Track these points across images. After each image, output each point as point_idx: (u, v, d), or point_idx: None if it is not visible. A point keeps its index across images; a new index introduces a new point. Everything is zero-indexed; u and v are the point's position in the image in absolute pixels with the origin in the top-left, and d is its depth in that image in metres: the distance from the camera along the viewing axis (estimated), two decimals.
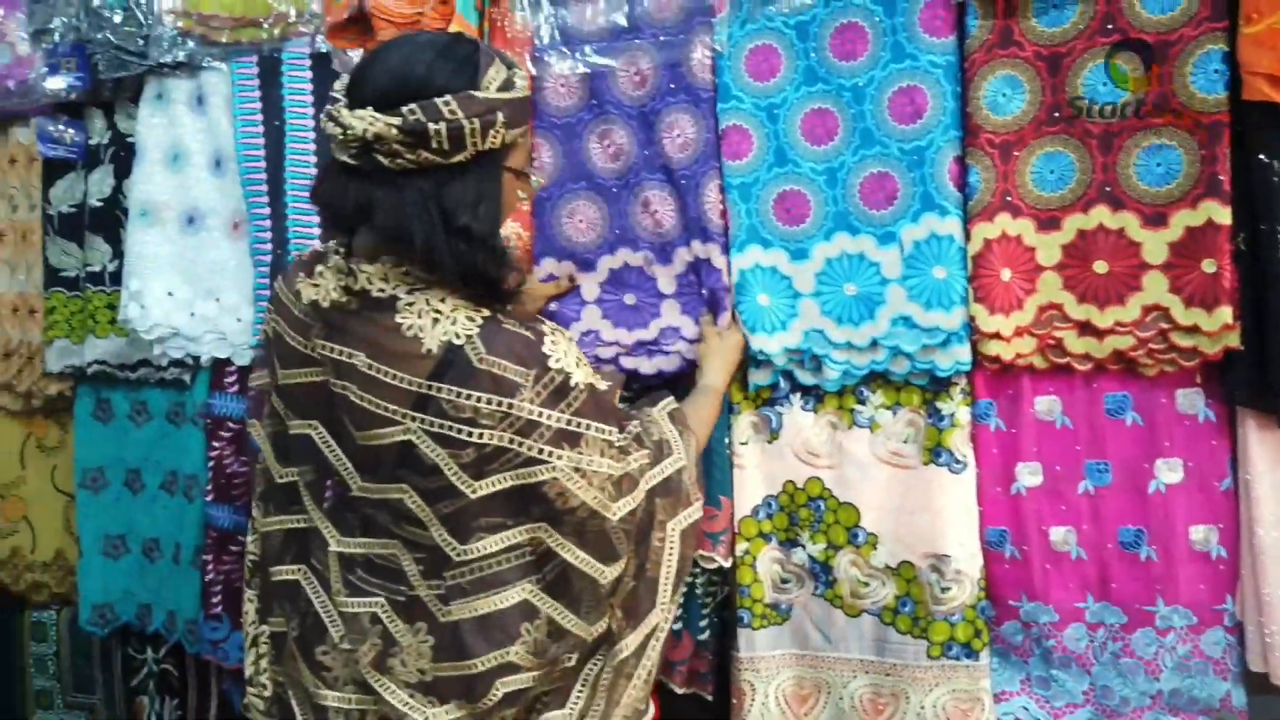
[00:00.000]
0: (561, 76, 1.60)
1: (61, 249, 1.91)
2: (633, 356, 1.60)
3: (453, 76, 1.03)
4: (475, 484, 1.05)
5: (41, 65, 1.85)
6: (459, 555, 1.07)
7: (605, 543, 1.11)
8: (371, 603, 1.11)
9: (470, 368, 1.03)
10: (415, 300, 1.05)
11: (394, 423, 1.04)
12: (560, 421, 1.06)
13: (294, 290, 1.14)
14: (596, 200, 1.61)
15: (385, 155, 1.01)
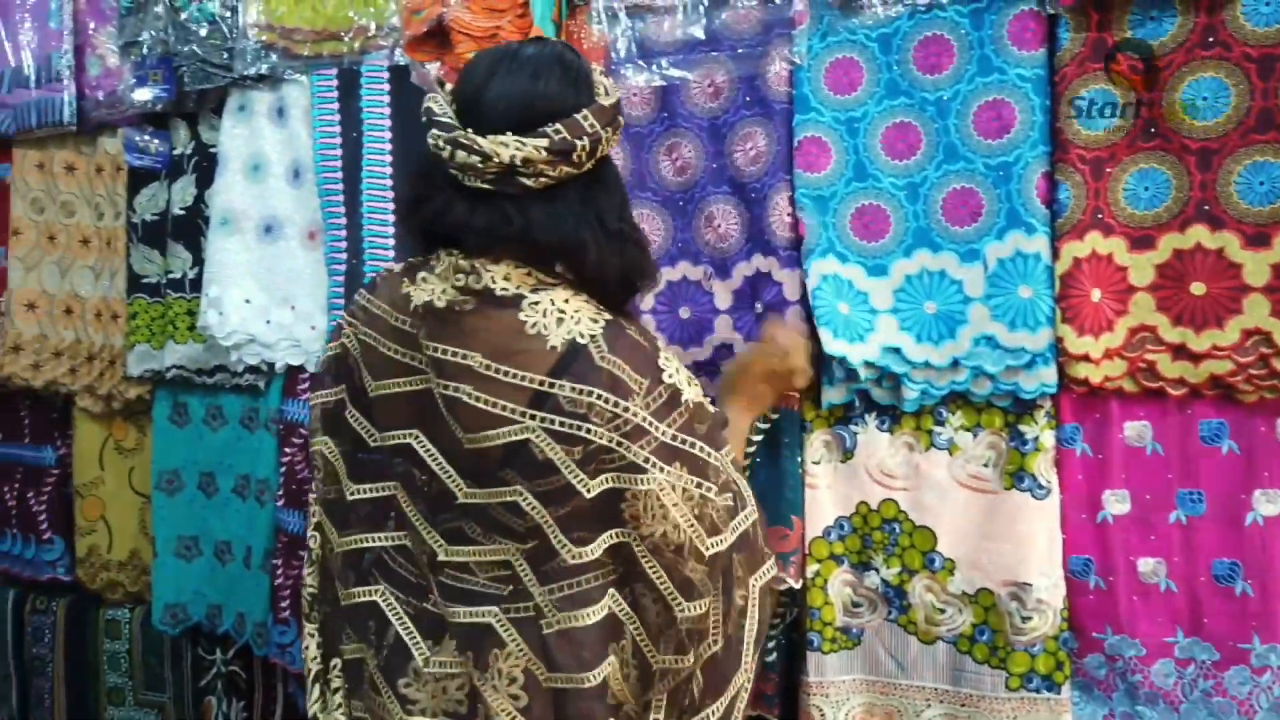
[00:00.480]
0: (635, 89, 1.60)
1: (144, 256, 1.96)
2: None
3: (580, 91, 1.05)
4: (590, 483, 1.02)
5: (130, 77, 1.90)
6: (572, 558, 1.05)
7: (687, 577, 1.05)
8: (485, 612, 1.08)
9: (592, 364, 1.02)
10: (540, 299, 1.04)
11: (510, 421, 1.02)
12: (666, 435, 1.03)
13: (399, 296, 1.10)
14: (661, 212, 1.61)
15: (529, 176, 1.02)
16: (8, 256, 2.07)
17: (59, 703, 2.18)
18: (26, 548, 2.18)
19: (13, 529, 2.20)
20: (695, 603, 1.06)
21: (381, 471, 1.15)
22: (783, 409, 1.51)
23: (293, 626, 1.85)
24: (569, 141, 1.01)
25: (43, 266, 2.06)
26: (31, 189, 2.06)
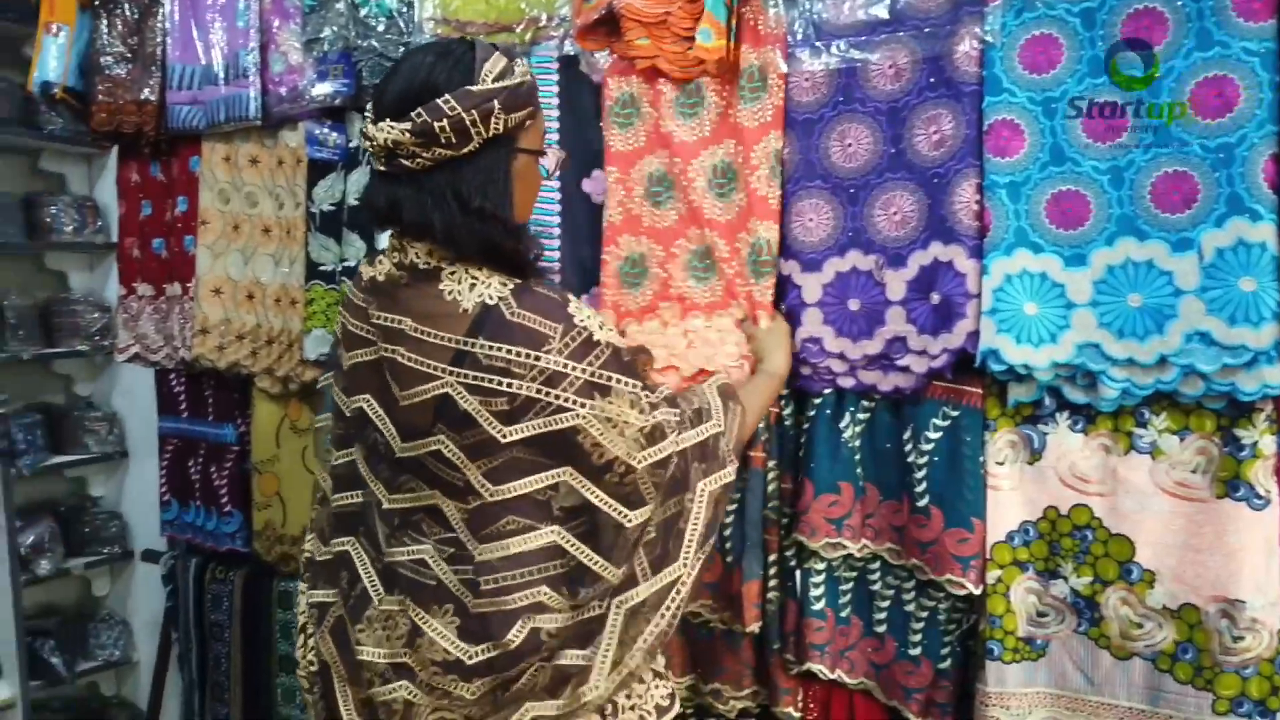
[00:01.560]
0: (807, 73, 1.56)
1: (321, 244, 2.04)
2: (868, 371, 1.53)
3: (450, 76, 1.13)
4: (506, 429, 1.13)
5: (311, 73, 1.98)
6: (492, 496, 1.15)
7: (631, 490, 1.17)
8: (419, 550, 1.20)
9: (503, 321, 1.13)
10: (456, 270, 1.17)
11: (434, 378, 1.14)
12: (586, 373, 1.14)
13: (359, 277, 1.27)
14: (830, 200, 1.56)
15: (406, 158, 1.13)
16: (197, 245, 2.19)
17: (235, 667, 2.30)
18: (209, 519, 2.31)
19: (196, 501, 2.33)
20: (638, 510, 1.18)
21: (350, 439, 1.30)
22: (965, 406, 1.45)
23: None
24: (428, 124, 1.11)
25: (228, 254, 2.17)
26: (218, 181, 2.17)
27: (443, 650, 1.17)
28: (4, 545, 2.51)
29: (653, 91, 1.67)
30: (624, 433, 1.15)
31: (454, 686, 1.17)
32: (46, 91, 2.23)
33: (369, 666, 1.22)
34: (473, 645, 1.16)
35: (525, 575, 1.16)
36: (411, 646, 1.19)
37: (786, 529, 1.60)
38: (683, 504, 1.23)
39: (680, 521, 1.23)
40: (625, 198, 1.69)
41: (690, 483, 1.24)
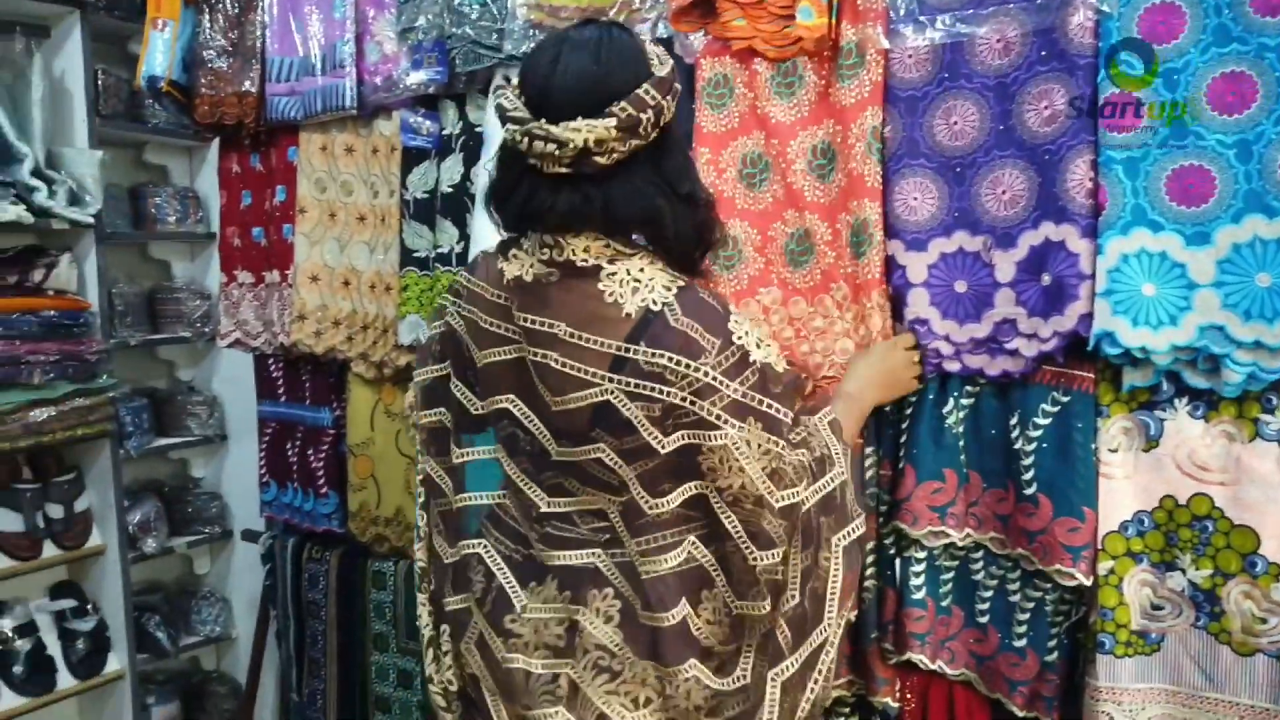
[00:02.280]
0: (910, 50, 1.52)
1: (415, 231, 2.07)
2: (975, 355, 1.49)
3: (638, 66, 1.10)
4: (664, 440, 1.11)
5: (406, 61, 2.01)
6: (651, 508, 1.13)
7: (760, 528, 1.12)
8: (588, 554, 1.19)
9: (666, 328, 1.09)
10: (617, 270, 1.12)
11: (592, 384, 1.11)
12: (737, 393, 1.10)
13: (494, 272, 1.21)
14: (935, 179, 1.52)
15: (603, 155, 1.07)
16: (295, 233, 2.24)
17: (331, 645, 2.36)
18: (306, 500, 2.38)
19: (294, 482, 2.40)
20: (768, 552, 1.12)
21: (484, 436, 1.27)
22: (1076, 391, 1.40)
23: None
24: (635, 117, 1.07)
25: (325, 242, 2.22)
26: (315, 170, 2.22)
27: (603, 649, 1.16)
28: (115, 524, 2.63)
29: (748, 72, 1.65)
30: (762, 463, 1.11)
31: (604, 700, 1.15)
32: (153, 85, 2.31)
33: (518, 674, 1.19)
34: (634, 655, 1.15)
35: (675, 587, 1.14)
36: (568, 648, 1.17)
37: (885, 516, 1.57)
38: (817, 561, 1.18)
39: (816, 581, 1.18)
40: (717, 179, 1.67)
41: (821, 538, 1.18)
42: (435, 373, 1.32)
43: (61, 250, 2.52)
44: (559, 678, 1.17)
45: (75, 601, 2.63)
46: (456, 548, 1.30)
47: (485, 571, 1.25)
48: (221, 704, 3.03)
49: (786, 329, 1.64)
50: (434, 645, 1.35)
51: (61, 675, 2.53)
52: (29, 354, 2.36)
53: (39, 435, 2.39)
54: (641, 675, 1.15)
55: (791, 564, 1.15)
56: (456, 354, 1.28)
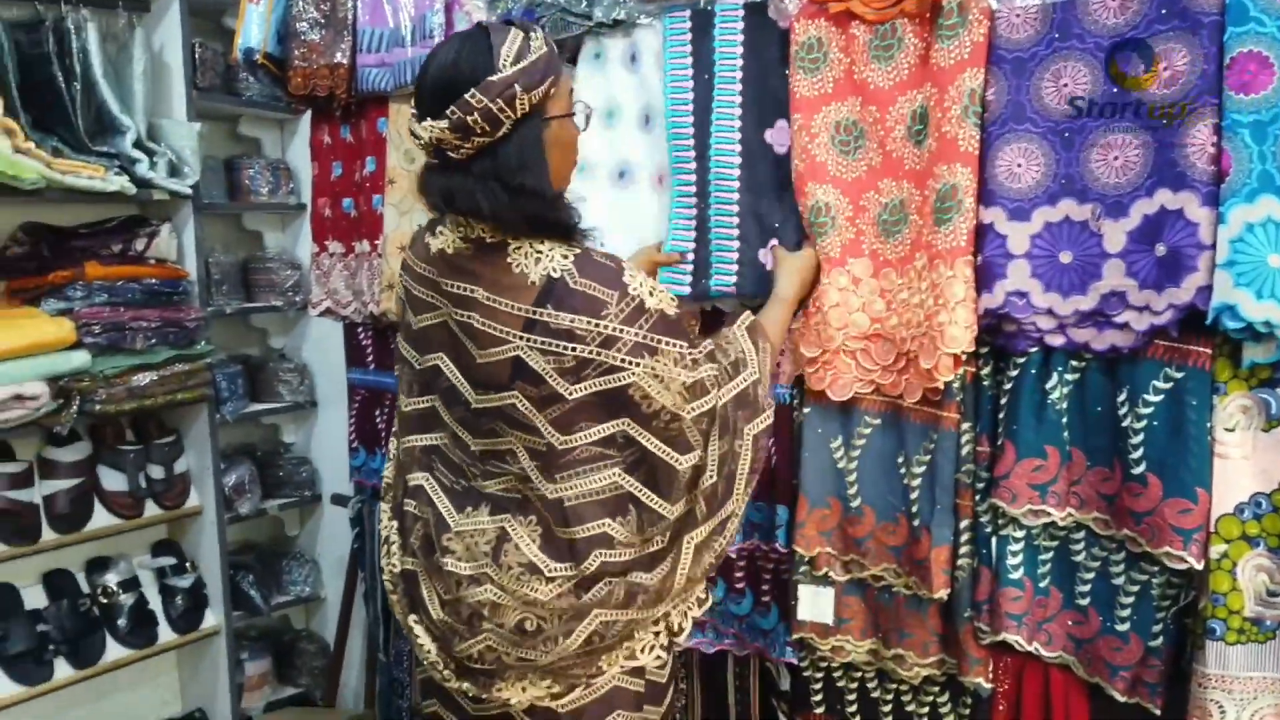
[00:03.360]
0: (1021, 8, 1.46)
1: None
2: (1080, 329, 1.43)
3: (473, 70, 1.22)
4: (572, 387, 1.27)
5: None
6: (561, 445, 1.30)
7: (678, 435, 1.31)
8: (504, 480, 1.36)
9: (567, 290, 1.25)
10: (521, 244, 1.29)
11: (507, 342, 1.28)
12: (637, 337, 1.26)
13: (422, 247, 1.39)
14: (1041, 144, 1.46)
15: (451, 150, 1.25)
16: (384, 203, 2.27)
17: None
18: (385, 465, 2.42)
19: (382, 448, 2.44)
20: (689, 454, 1.32)
21: (424, 389, 1.44)
22: (1190, 367, 1.34)
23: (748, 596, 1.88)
24: (462, 119, 1.22)
25: (413, 212, 2.24)
26: (404, 141, 2.24)
27: (527, 557, 1.32)
28: (211, 485, 2.72)
29: (844, 35, 1.61)
30: (670, 387, 1.29)
31: (533, 590, 1.32)
32: (249, 58, 2.36)
33: (451, 575, 1.36)
34: (553, 560, 1.32)
35: (592, 509, 1.31)
36: (495, 558, 1.34)
37: (982, 493, 1.53)
38: (732, 448, 1.37)
39: (731, 463, 1.37)
40: (809, 144, 1.63)
41: (738, 428, 1.37)
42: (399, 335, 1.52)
43: (162, 220, 2.60)
44: (485, 577, 1.35)
45: (174, 559, 2.74)
46: (408, 479, 1.48)
47: (427, 499, 1.43)
48: (310, 662, 3.13)
49: (877, 301, 1.60)
50: (387, 542, 1.54)
51: (162, 629, 2.64)
52: (132, 320, 2.44)
53: (141, 399, 2.48)
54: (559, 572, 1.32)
55: (710, 453, 1.34)
56: (403, 318, 1.47)
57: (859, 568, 1.66)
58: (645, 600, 1.37)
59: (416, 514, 1.45)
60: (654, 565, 1.36)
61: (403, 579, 1.50)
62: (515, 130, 1.25)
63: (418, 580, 1.45)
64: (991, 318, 1.48)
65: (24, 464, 2.46)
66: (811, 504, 1.68)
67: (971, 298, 1.47)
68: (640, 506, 1.32)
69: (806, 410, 1.69)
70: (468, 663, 1.40)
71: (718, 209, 1.74)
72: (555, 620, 1.34)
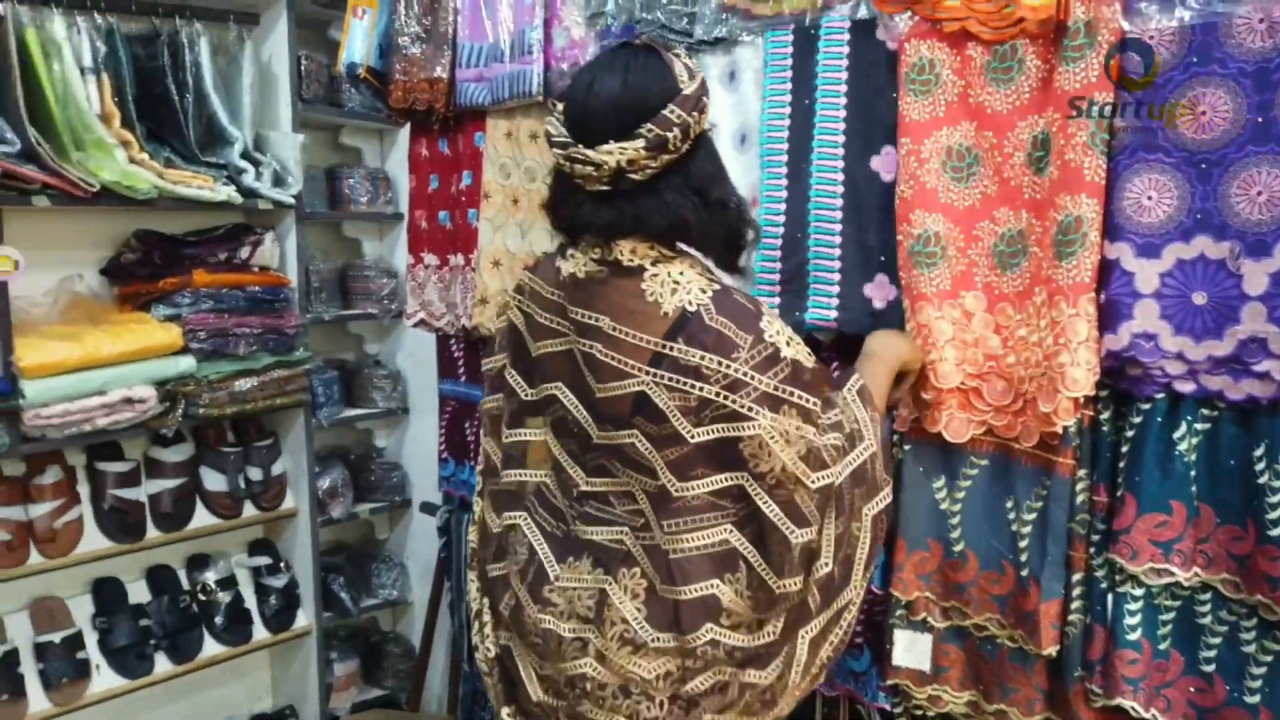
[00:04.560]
0: (1156, 30, 1.36)
1: None
2: (1213, 376, 1.33)
3: (662, 87, 1.19)
4: (694, 430, 1.20)
5: (593, 47, 1.98)
6: (677, 492, 1.23)
7: (797, 508, 1.21)
8: (619, 533, 1.28)
9: (701, 326, 1.19)
10: (659, 271, 1.23)
11: (632, 376, 1.22)
12: (767, 386, 1.19)
13: (551, 271, 1.33)
14: (1174, 175, 1.35)
15: (636, 172, 1.19)
16: (479, 218, 2.28)
17: None
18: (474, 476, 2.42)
19: (471, 460, 2.45)
20: (805, 529, 1.21)
21: (532, 417, 1.39)
22: None
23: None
24: (662, 136, 1.18)
25: (507, 227, 2.24)
26: (500, 155, 2.24)
27: (627, 623, 1.24)
28: (306, 488, 2.78)
29: (959, 56, 1.53)
30: (792, 445, 1.19)
31: (635, 666, 1.23)
32: (352, 72, 2.39)
33: (551, 635, 1.29)
34: (656, 629, 1.23)
35: (699, 565, 1.23)
36: (598, 616, 1.26)
37: (1098, 546, 1.43)
38: (849, 530, 1.28)
39: (849, 548, 1.29)
40: (918, 170, 1.56)
41: (855, 508, 1.28)
42: (496, 362, 1.46)
43: (266, 228, 2.67)
44: (588, 644, 1.26)
45: (270, 559, 2.81)
46: (501, 519, 1.42)
47: (527, 544, 1.36)
48: (396, 664, 3.17)
49: (991, 337, 1.52)
50: (478, 617, 1.47)
51: (256, 627, 2.71)
52: (236, 327, 2.51)
53: (242, 404, 2.55)
54: (662, 645, 1.23)
55: (825, 535, 1.25)
56: (515, 346, 1.41)
57: (960, 615, 1.59)
58: (756, 701, 1.26)
59: (500, 573, 1.39)
60: (768, 661, 1.26)
61: (498, 663, 1.43)
62: (696, 145, 1.23)
63: (513, 657, 1.37)
64: (1115, 360, 1.38)
65: (132, 463, 2.56)
66: (910, 545, 1.61)
67: (1094, 338, 1.38)
68: (750, 570, 1.23)
69: (907, 447, 1.62)
70: None
71: (817, 238, 1.67)
72: (657, 707, 1.23)
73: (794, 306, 1.70)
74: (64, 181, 2.19)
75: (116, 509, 2.49)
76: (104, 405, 2.30)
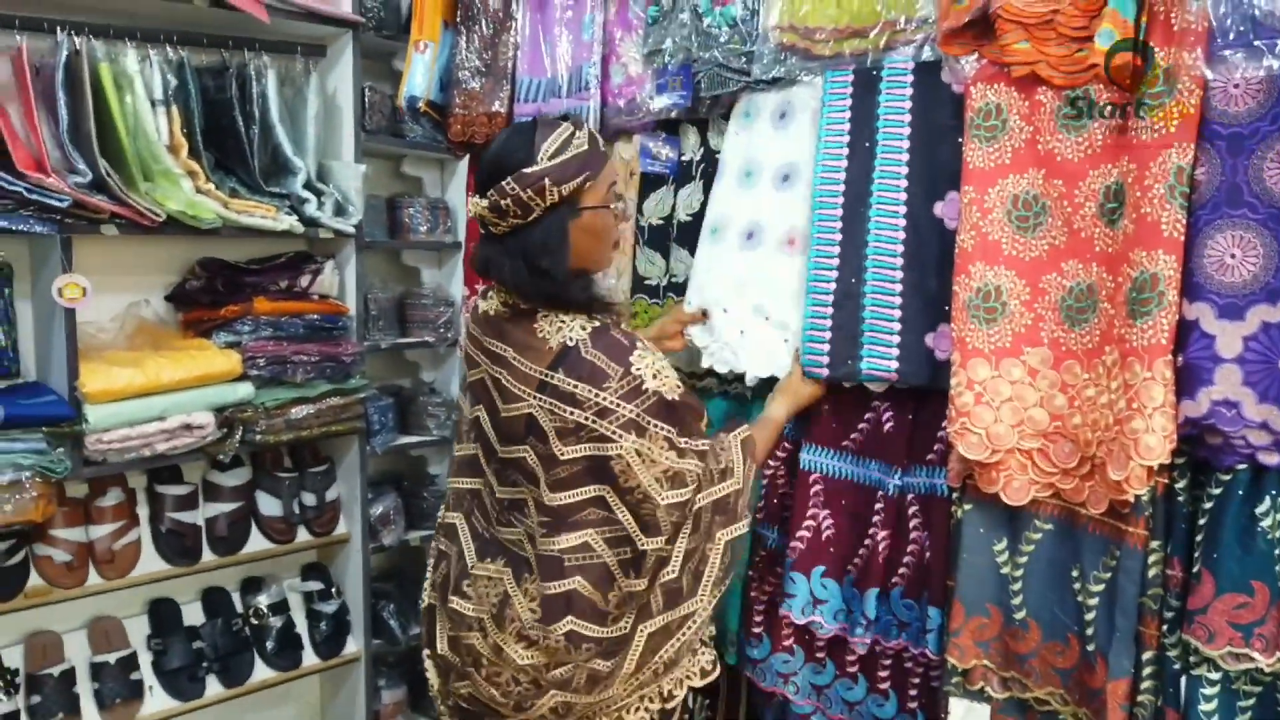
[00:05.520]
0: (1242, 79, 1.28)
1: (648, 258, 2.02)
2: None
3: (514, 159, 1.39)
4: (564, 448, 1.40)
5: (650, 85, 1.96)
6: (550, 501, 1.42)
7: (649, 518, 1.41)
8: (518, 531, 1.50)
9: (578, 359, 1.39)
10: (548, 313, 1.44)
11: (524, 399, 1.43)
12: (632, 414, 1.38)
13: (477, 311, 1.57)
14: (1260, 233, 1.27)
15: (491, 225, 1.44)
16: None
17: None
18: None
19: None
20: (654, 538, 1.42)
21: (470, 437, 1.60)
22: None
23: (765, 643, 1.82)
24: (498, 203, 1.40)
25: None
26: None
27: (521, 621, 1.45)
28: (359, 515, 2.79)
29: (1028, 101, 1.46)
30: (652, 469, 1.39)
31: (517, 654, 1.45)
32: (412, 105, 2.41)
33: (457, 614, 1.52)
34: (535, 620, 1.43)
35: (569, 564, 1.41)
36: (500, 611, 1.47)
37: (1171, 623, 1.34)
38: (701, 549, 1.46)
39: (699, 564, 1.46)
40: (980, 220, 1.50)
41: (711, 532, 1.46)
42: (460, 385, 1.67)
43: (326, 256, 2.70)
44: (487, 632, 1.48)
45: (322, 584, 2.83)
46: (448, 515, 1.64)
47: (459, 541, 1.58)
48: None
49: (1058, 396, 1.45)
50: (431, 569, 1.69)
51: (306, 653, 2.72)
52: (294, 354, 2.54)
53: (298, 431, 2.57)
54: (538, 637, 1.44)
55: (677, 547, 1.43)
56: (463, 373, 1.63)
57: (1020, 687, 1.50)
58: (601, 683, 1.45)
59: (444, 551, 1.62)
60: (612, 655, 1.44)
61: (427, 612, 1.66)
62: (544, 216, 1.41)
63: (434, 615, 1.62)
64: (1193, 427, 1.30)
65: (190, 487, 2.59)
66: (968, 610, 1.53)
67: (1171, 403, 1.30)
68: (605, 569, 1.42)
69: (967, 507, 1.54)
70: (461, 703, 1.56)
71: (875, 285, 1.62)
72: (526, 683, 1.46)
73: (847, 355, 1.64)
74: (131, 211, 2.23)
75: (174, 531, 2.53)
76: (163, 431, 2.34)
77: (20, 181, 2.08)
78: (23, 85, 2.15)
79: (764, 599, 1.83)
